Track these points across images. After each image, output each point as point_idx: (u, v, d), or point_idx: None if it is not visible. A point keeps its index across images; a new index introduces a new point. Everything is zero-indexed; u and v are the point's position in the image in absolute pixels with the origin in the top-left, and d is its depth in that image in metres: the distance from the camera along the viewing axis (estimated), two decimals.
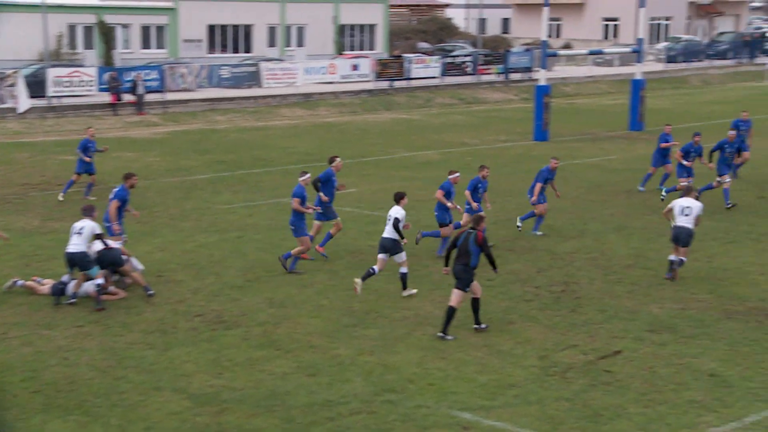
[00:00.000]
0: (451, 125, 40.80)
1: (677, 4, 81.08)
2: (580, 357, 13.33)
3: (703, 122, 40.67)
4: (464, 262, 13.99)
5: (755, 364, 12.95)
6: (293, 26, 61.09)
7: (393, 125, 41.07)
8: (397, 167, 29.93)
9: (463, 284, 14.06)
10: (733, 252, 18.83)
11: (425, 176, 27.79)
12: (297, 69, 49.81)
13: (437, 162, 30.53)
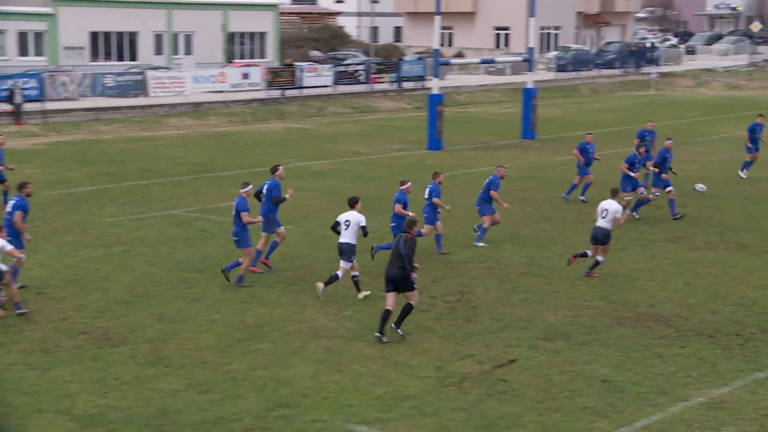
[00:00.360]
0: (344, 134, 40.88)
1: (566, 14, 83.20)
2: (476, 367, 13.49)
3: (593, 130, 41.73)
4: (399, 265, 14.37)
5: (645, 369, 13.32)
6: (180, 34, 60.34)
7: (285, 135, 40.92)
8: (290, 177, 29.73)
9: (405, 286, 14.42)
10: (624, 259, 19.35)
11: (318, 186, 27.76)
12: (185, 77, 49.14)
13: (330, 172, 30.53)
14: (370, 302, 16.51)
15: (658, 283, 17.58)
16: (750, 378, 12.95)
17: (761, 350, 14.00)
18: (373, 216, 23.50)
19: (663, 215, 23.36)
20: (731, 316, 15.58)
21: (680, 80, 67.81)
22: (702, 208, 24.11)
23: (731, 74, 69.85)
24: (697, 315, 15.66)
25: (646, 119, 45.76)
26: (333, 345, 14.38)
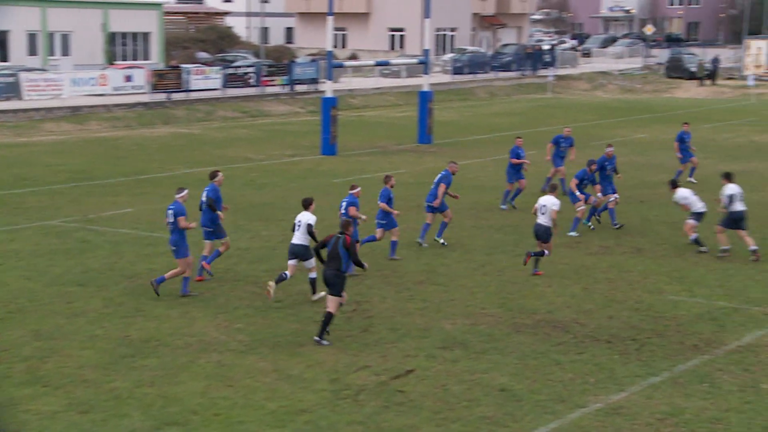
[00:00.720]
0: (235, 139, 40.59)
1: (462, 16, 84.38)
2: (372, 378, 13.56)
3: (490, 134, 42.48)
4: (335, 266, 14.81)
5: (543, 377, 13.61)
6: (57, 33, 59.01)
7: (172, 140, 40.39)
8: (178, 184, 29.36)
9: (336, 290, 14.81)
10: (521, 265, 19.70)
11: None
12: (62, 80, 47.99)
13: None
14: (262, 313, 16.44)
15: (555, 289, 17.98)
16: (646, 383, 13.35)
17: (656, 354, 14.45)
18: (264, 224, 23.42)
19: (560, 220, 23.84)
20: (627, 321, 16.05)
21: (576, 83, 69.50)
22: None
23: (626, 77, 71.93)
24: (594, 321, 16.07)
25: (544, 122, 46.87)
26: (224, 359, 14.27)
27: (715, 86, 66.24)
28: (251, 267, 19.47)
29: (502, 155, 34.95)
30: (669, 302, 17.10)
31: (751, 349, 14.65)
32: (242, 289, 17.92)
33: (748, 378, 13.47)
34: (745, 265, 19.50)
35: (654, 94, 65.95)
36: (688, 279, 18.58)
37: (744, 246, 20.24)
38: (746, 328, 15.66)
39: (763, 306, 16.79)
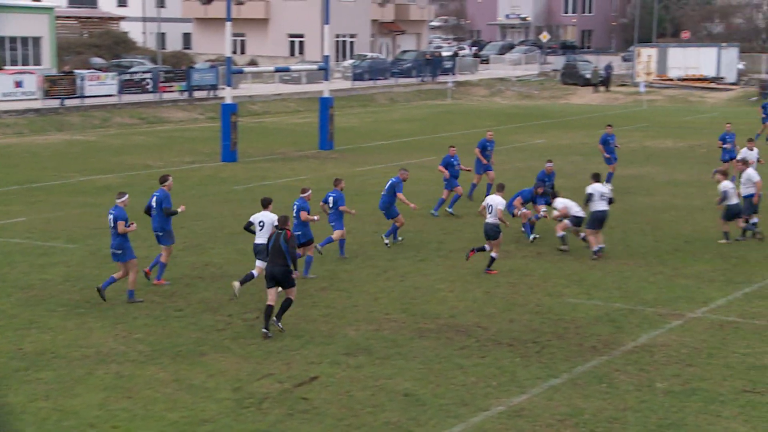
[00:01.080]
0: (133, 146, 39.92)
1: (361, 22, 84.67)
2: (276, 386, 13.47)
3: (391, 140, 42.69)
4: (282, 262, 15.32)
5: (446, 381, 13.71)
6: None
7: (66, 147, 39.51)
8: (73, 193, 28.82)
9: (287, 284, 15.42)
10: (424, 270, 19.86)
11: (105, 202, 26.93)
12: None
13: (118, 186, 29.68)
14: (162, 323, 16.18)
15: (458, 293, 18.15)
16: (547, 384, 13.57)
17: (557, 356, 14.70)
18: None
19: (462, 225, 24.14)
20: (528, 324, 16.29)
21: (475, 89, 70.39)
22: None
23: (523, 84, 73.15)
24: (496, 324, 16.27)
25: (444, 128, 47.32)
26: (123, 370, 14.00)
27: (609, 92, 67.85)
28: (151, 276, 19.12)
29: (403, 161, 35.19)
30: (568, 305, 17.42)
31: (646, 349, 15.01)
32: (141, 297, 17.59)
33: (644, 377, 13.81)
34: (640, 267, 20.00)
35: (550, 100, 67.22)
36: (586, 282, 18.96)
37: (589, 244, 20.91)
38: (642, 328, 16.04)
39: (657, 307, 17.24)
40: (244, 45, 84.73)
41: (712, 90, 67.23)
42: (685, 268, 19.94)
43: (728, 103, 62.55)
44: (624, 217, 25.02)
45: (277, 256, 15.29)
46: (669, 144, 41.26)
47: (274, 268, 15.32)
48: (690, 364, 14.31)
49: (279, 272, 15.31)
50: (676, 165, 34.79)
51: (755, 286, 18.58)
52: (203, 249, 21.55)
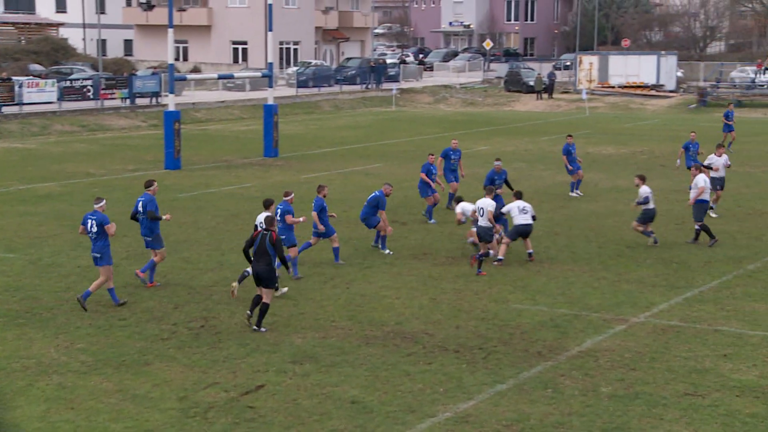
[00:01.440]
0: (73, 154, 39.44)
1: (305, 29, 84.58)
2: (222, 395, 13.40)
3: (336, 147, 42.69)
4: (266, 262, 15.91)
5: (393, 388, 13.74)
6: None
7: (5, 155, 38.91)
8: (12, 202, 28.38)
9: (271, 283, 15.97)
10: (371, 277, 19.88)
11: (45, 210, 26.61)
12: None
13: (59, 195, 29.34)
14: (105, 332, 16.01)
15: (404, 300, 18.20)
16: (493, 390, 13.66)
17: (503, 362, 14.81)
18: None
19: (407, 231, 24.21)
20: (474, 331, 16.38)
21: (420, 96, 70.69)
22: (444, 224, 25.20)
23: (467, 91, 73.62)
24: (442, 331, 16.34)
25: (389, 135, 47.45)
26: (65, 381, 13.83)
27: (552, 100, 68.53)
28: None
29: (349, 168, 35.22)
30: (513, 311, 17.55)
31: (591, 354, 15.18)
32: (86, 307, 17.38)
33: (589, 382, 13.96)
34: (584, 273, 20.23)
35: (495, 107, 67.73)
36: (530, 287, 19.12)
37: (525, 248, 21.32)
38: (586, 333, 16.22)
39: (601, 312, 17.44)
40: (187, 52, 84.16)
41: (653, 97, 68.26)
42: (628, 274, 20.20)
43: (668, 111, 63.57)
44: (568, 223, 25.29)
45: (262, 256, 15.90)
46: (611, 150, 41.80)
47: (258, 268, 15.92)
48: (633, 369, 14.51)
49: (263, 271, 15.90)
50: (619, 171, 35.25)
51: (696, 291, 18.89)
52: (147, 258, 21.31)
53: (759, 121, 53.97)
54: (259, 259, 15.95)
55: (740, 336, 16.06)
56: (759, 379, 14.06)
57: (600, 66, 71.82)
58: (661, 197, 29.46)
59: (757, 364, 14.72)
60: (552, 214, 26.62)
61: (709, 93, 65.13)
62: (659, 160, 38.35)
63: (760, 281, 19.59)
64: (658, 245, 22.56)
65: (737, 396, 13.42)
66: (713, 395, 13.45)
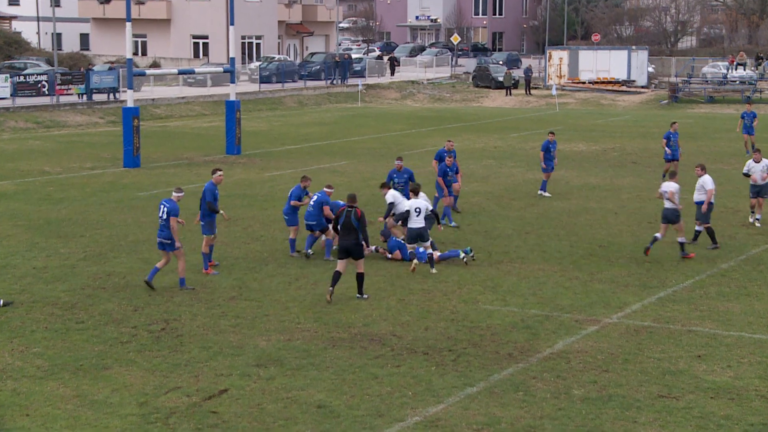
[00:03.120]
0: (28, 152, 39.04)
1: (268, 23, 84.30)
2: (184, 399, 13.30)
3: (300, 144, 42.58)
4: (354, 237, 17.67)
5: (361, 392, 13.70)
6: None
7: None
8: None
9: (360, 255, 17.76)
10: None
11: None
12: None
13: (13, 194, 29.02)
14: (62, 336, 15.84)
15: (371, 301, 18.15)
16: (463, 393, 13.66)
17: (473, 364, 14.81)
18: (63, 241, 22.62)
19: (374, 231, 24.16)
20: (444, 332, 16.38)
21: (386, 92, 70.69)
22: None
23: (435, 86, 73.73)
24: (411, 332, 16.32)
25: (356, 132, 47.43)
26: (20, 386, 13.67)
27: (531, 96, 68.63)
28: (49, 287, 18.75)
29: (314, 166, 35.12)
30: (483, 311, 17.57)
31: (563, 356, 15.23)
32: (39, 310, 17.23)
33: (561, 384, 14.00)
34: (555, 273, 20.29)
35: (463, 103, 67.90)
36: (501, 288, 19.16)
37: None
38: (558, 335, 16.27)
39: (573, 313, 17.50)
40: (146, 46, 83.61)
41: (624, 93, 68.75)
42: (600, 273, 20.30)
43: (640, 107, 64.04)
44: (539, 222, 25.38)
45: (349, 232, 17.73)
46: (582, 147, 42.03)
47: (346, 242, 17.71)
48: (606, 370, 14.57)
49: (350, 245, 17.70)
50: (590, 168, 35.44)
51: (669, 291, 19.01)
52: (105, 258, 21.18)
53: (731, 116, 54.49)
54: (346, 234, 17.72)
55: (714, 336, 16.18)
56: (734, 381, 14.16)
57: (570, 61, 72.24)
58: (633, 195, 29.67)
59: (732, 365, 14.83)
60: (522, 213, 26.70)
61: (680, 89, 65.72)
62: (631, 157, 38.61)
63: (734, 280, 19.76)
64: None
65: (711, 398, 13.52)
66: (687, 397, 13.54)
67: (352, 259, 17.83)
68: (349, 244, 17.70)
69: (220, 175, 20.40)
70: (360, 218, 17.71)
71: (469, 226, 24.95)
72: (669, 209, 21.32)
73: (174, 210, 18.27)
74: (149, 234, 23.45)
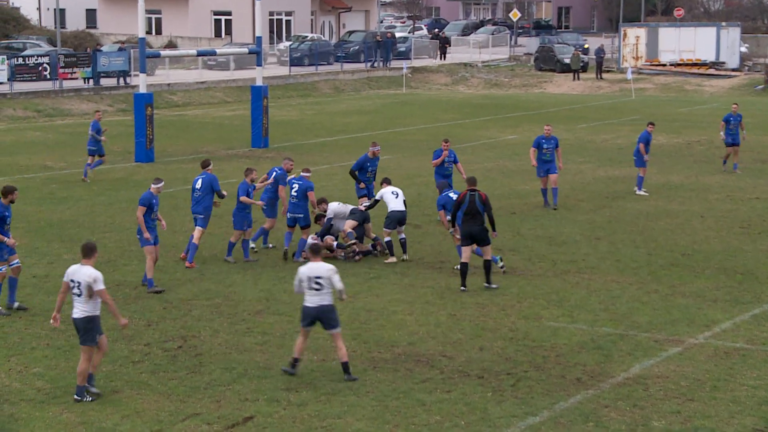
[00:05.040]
0: (27, 144, 39.54)
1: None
2: (203, 428, 13.40)
3: (337, 136, 42.73)
4: (480, 222, 19.08)
5: (406, 421, 13.71)
6: None
7: None
8: None
9: (486, 241, 19.17)
10: (378, 289, 19.87)
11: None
12: None
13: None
14: (65, 354, 16.02)
15: (417, 317, 18.18)
16: (524, 423, 13.63)
17: (534, 390, 14.78)
18: (67, 246, 22.87)
19: (422, 236, 24.21)
20: (501, 353, 16.36)
21: (435, 76, 70.74)
22: None
23: (491, 70, 73.64)
24: (463, 353, 16.32)
25: (400, 122, 47.51)
26: (18, 411, 13.86)
27: (602, 80, 68.26)
28: (51, 299, 18.91)
29: (351, 160, 35.21)
30: (547, 329, 17.53)
31: (639, 381, 15.15)
32: (40, 325, 17.44)
33: (638, 415, 13.93)
34: (631, 285, 20.19)
35: (523, 89, 67.79)
36: (567, 302, 19.10)
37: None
38: (634, 357, 16.19)
39: (651, 332, 17.41)
40: (161, 24, 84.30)
41: (711, 77, 68.22)
42: (683, 286, 20.17)
43: (730, 92, 63.54)
44: (611, 226, 25.27)
45: (474, 216, 18.99)
46: (662, 140, 41.76)
47: (472, 228, 19.03)
48: (691, 399, 14.47)
49: (476, 231, 19.09)
50: (672, 165, 35.23)
51: (765, 307, 18.85)
52: (115, 266, 21.39)
53: None
54: (471, 219, 19.00)
55: None
56: None
57: (648, 40, 71.81)
58: (722, 195, 29.44)
59: None
60: (592, 216, 26.60)
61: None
62: (719, 152, 38.29)
63: None
64: None
65: None
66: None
67: (477, 245, 19.23)
68: (474, 229, 19.07)
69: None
70: (485, 201, 19.12)
71: (531, 231, 24.90)
72: None
73: (144, 200, 19.63)
74: (164, 238, 23.56)
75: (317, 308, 14.84)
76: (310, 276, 14.82)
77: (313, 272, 14.83)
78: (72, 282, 14.06)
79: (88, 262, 14.14)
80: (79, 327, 14.09)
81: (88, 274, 13.96)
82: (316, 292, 14.83)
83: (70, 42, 70.11)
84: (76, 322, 14.12)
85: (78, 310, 14.04)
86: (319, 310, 14.84)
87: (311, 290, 14.86)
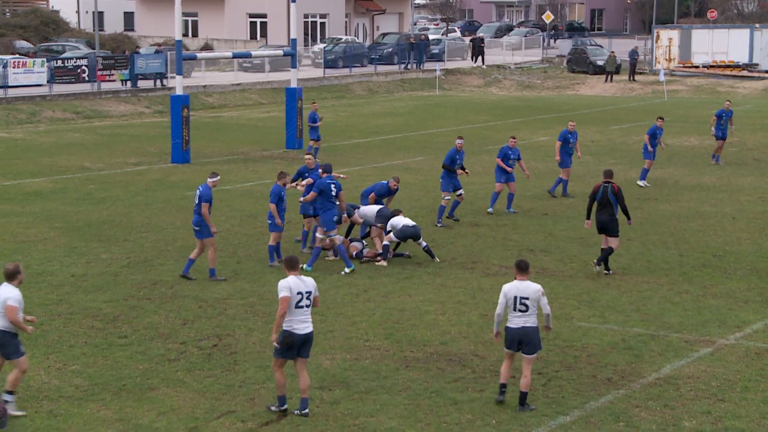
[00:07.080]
0: (67, 145, 39.81)
1: (334, 0, 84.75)
2: (238, 426, 13.47)
3: (370, 138, 42.78)
4: (609, 212, 20.37)
5: (438, 419, 13.74)
6: None
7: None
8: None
9: (615, 232, 20.46)
10: (410, 289, 19.90)
11: (34, 210, 26.87)
12: None
13: (50, 192, 29.62)
14: (103, 352, 16.15)
15: (450, 316, 18.19)
16: (554, 423, 13.63)
17: (565, 390, 14.76)
18: (105, 246, 23.03)
19: (455, 236, 24.22)
20: None
21: (468, 78, 70.63)
22: (497, 228, 25.17)
23: (524, 72, 73.45)
24: (494, 353, 16.31)
25: (432, 124, 47.51)
26: (57, 408, 13.97)
27: (635, 82, 67.96)
28: (89, 297, 19.11)
29: (386, 162, 35.27)
30: (578, 329, 17.50)
31: (670, 381, 15.11)
32: (78, 323, 17.58)
33: (669, 415, 13.89)
34: (662, 286, 20.12)
35: (556, 90, 67.55)
36: (599, 302, 19.06)
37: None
38: (665, 357, 16.14)
39: (682, 332, 17.35)
40: (197, 26, 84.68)
41: (745, 79, 67.72)
42: (715, 287, 20.07)
43: (763, 94, 63.04)
44: (643, 228, 25.17)
45: (605, 207, 20.35)
46: (694, 142, 41.55)
47: (602, 217, 20.41)
48: (722, 400, 14.41)
49: (606, 220, 20.39)
50: (704, 167, 35.03)
51: None
52: (151, 266, 21.52)
53: None
54: (602, 209, 20.32)
55: None
56: None
57: (681, 42, 71.38)
58: (755, 197, 29.26)
59: None
60: (624, 217, 26.46)
61: None
62: (752, 153, 38.09)
63: None
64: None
65: None
66: None
67: (606, 235, 20.43)
68: (604, 218, 20.40)
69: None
70: (617, 193, 20.29)
71: (562, 232, 24.84)
72: None
73: (206, 196, 20.05)
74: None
75: (520, 330, 13.90)
76: (517, 296, 13.92)
77: (521, 292, 13.93)
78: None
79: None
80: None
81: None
82: (521, 314, 13.89)
83: (108, 44, 70.52)
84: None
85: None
86: (523, 332, 13.92)
87: (516, 311, 13.90)
